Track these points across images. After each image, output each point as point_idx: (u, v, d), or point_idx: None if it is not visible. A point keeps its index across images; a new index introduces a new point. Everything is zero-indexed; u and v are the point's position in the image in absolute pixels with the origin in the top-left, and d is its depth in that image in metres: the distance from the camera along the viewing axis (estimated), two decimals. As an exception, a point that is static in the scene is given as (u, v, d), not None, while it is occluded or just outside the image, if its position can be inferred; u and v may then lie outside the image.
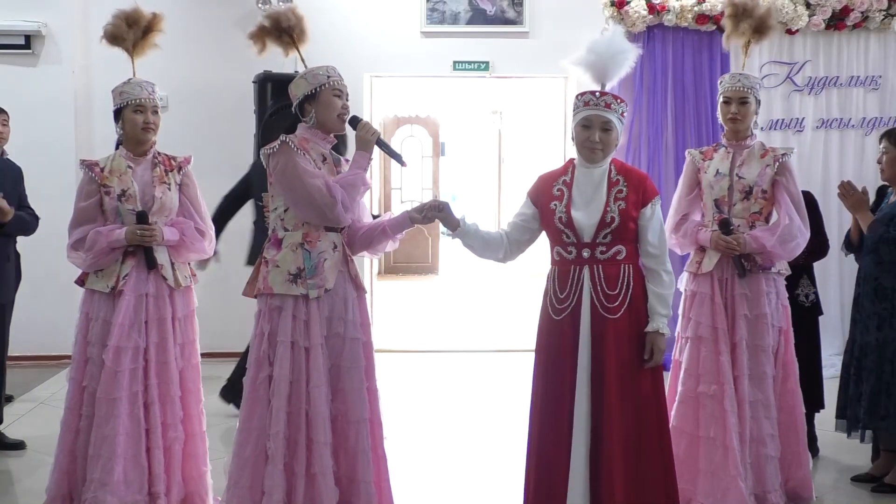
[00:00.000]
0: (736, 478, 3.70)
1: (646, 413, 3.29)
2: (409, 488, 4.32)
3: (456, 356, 7.53)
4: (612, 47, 3.43)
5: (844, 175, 7.10)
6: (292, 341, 3.32)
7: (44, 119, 6.61)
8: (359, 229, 3.47)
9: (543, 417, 3.36)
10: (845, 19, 6.95)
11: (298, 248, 3.35)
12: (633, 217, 3.31)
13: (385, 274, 12.54)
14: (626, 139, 7.08)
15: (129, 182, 3.72)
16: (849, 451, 4.67)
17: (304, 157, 3.35)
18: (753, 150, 3.94)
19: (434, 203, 3.38)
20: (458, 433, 5.37)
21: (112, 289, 3.66)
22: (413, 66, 7.31)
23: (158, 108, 3.83)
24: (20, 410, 5.60)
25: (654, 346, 3.30)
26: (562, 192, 3.38)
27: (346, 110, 3.45)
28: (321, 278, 3.33)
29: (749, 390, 3.81)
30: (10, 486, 4.41)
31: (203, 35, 7.14)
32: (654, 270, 3.36)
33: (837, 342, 7.00)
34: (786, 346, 3.93)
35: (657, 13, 6.90)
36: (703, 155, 4.06)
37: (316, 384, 3.31)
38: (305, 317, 3.33)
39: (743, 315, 3.84)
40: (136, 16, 3.86)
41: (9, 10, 6.85)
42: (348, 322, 3.39)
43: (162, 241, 3.71)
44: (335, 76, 3.43)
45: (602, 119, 3.34)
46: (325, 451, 3.30)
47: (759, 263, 3.85)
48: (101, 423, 3.57)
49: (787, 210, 3.84)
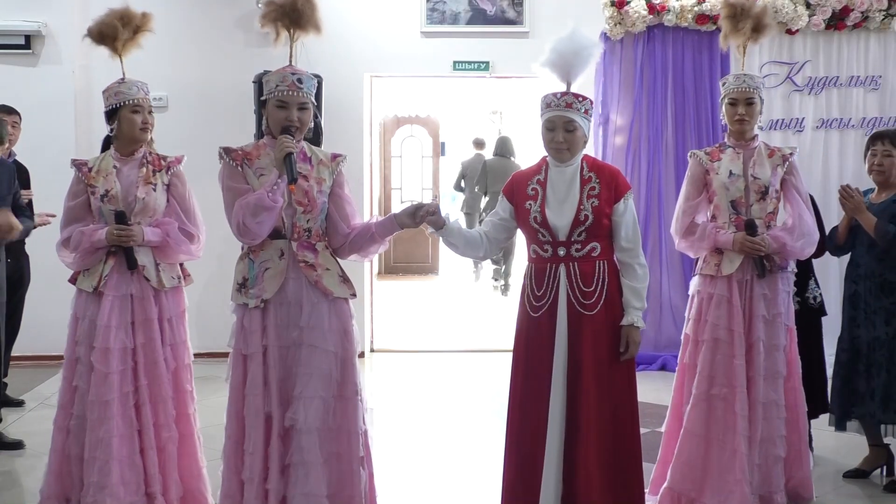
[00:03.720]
0: (741, 481, 3.69)
1: (621, 407, 3.36)
2: (410, 488, 4.31)
3: (455, 356, 7.53)
4: (572, 45, 3.43)
5: (844, 175, 7.11)
6: (238, 349, 3.28)
7: (44, 119, 6.61)
8: (348, 234, 3.35)
9: (522, 414, 3.40)
10: (845, 19, 6.95)
11: (245, 258, 3.31)
12: (606, 213, 3.36)
13: (385, 274, 12.53)
14: (626, 139, 7.09)
15: (113, 182, 3.71)
16: (848, 451, 4.67)
17: (239, 169, 3.24)
18: (761, 150, 3.93)
19: (430, 207, 3.30)
20: (457, 433, 5.37)
21: (95, 288, 3.66)
22: (413, 66, 7.31)
23: (152, 109, 3.83)
24: (20, 410, 5.61)
25: (630, 340, 3.35)
26: (536, 191, 3.42)
27: (290, 121, 3.21)
28: (260, 288, 3.23)
29: (763, 391, 3.80)
30: (8, 486, 4.41)
31: (203, 35, 7.13)
32: (628, 264, 3.40)
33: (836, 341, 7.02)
34: (790, 343, 3.94)
35: (657, 13, 6.90)
36: (709, 156, 3.98)
37: (252, 391, 3.23)
38: (249, 325, 3.26)
39: (761, 315, 3.82)
40: (129, 15, 3.84)
41: (9, 10, 6.85)
42: (305, 329, 3.23)
43: (142, 242, 3.69)
44: (283, 86, 3.19)
45: (564, 119, 3.36)
46: (253, 460, 3.21)
47: (778, 263, 3.86)
48: (94, 426, 3.57)
49: (799, 209, 3.86)
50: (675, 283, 7.05)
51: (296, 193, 3.22)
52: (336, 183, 3.36)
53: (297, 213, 3.25)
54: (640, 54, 7.03)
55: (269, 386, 3.22)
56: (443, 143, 14.22)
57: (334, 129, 6.86)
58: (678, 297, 6.99)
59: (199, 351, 6.65)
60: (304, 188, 3.24)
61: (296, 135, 3.22)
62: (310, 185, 3.27)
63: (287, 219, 3.24)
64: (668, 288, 7.01)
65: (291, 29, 3.33)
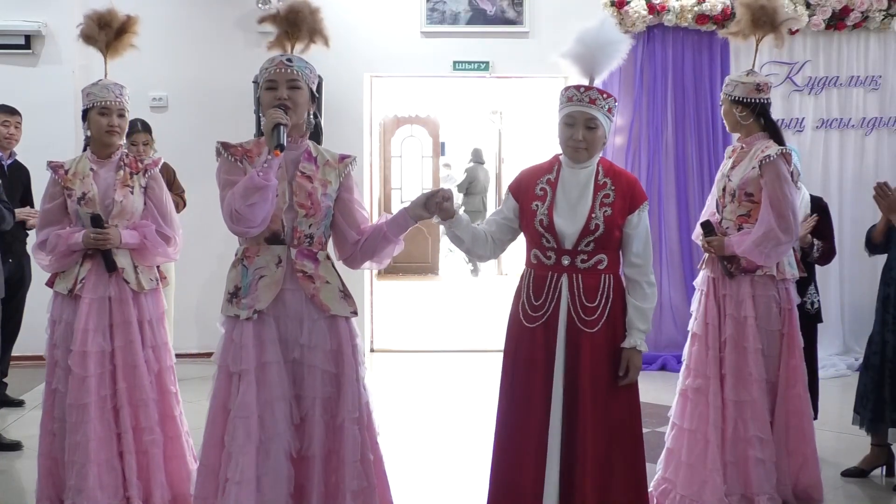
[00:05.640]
0: (713, 472, 3.71)
1: (619, 435, 3.10)
2: (410, 488, 4.31)
3: (455, 356, 7.53)
4: (601, 38, 3.17)
5: (844, 175, 7.12)
6: (226, 366, 2.92)
7: (43, 119, 6.60)
8: (358, 240, 3.04)
9: (509, 430, 3.19)
10: (845, 19, 6.95)
11: (238, 265, 2.97)
12: (618, 224, 3.11)
13: (385, 274, 12.53)
14: (626, 139, 7.08)
15: (90, 185, 3.69)
16: (846, 452, 4.67)
17: (239, 164, 2.93)
18: (755, 151, 3.88)
19: (445, 193, 3.02)
20: (457, 433, 5.37)
21: (70, 291, 3.65)
22: (413, 66, 7.31)
23: (126, 112, 3.78)
24: (20, 410, 5.61)
25: (630, 364, 3.10)
26: (545, 191, 3.18)
27: (280, 99, 2.92)
28: (253, 297, 2.90)
29: (733, 389, 3.79)
30: (6, 487, 4.40)
31: (203, 35, 7.13)
32: (637, 281, 3.16)
33: (837, 342, 7.03)
34: (790, 351, 3.86)
35: (657, 13, 6.90)
36: (730, 152, 4.03)
37: (241, 414, 2.84)
38: (239, 340, 2.90)
39: (729, 314, 3.84)
40: (109, 17, 3.81)
41: (9, 10, 6.85)
42: (305, 348, 2.92)
43: (120, 245, 3.68)
44: (272, 67, 2.97)
45: (586, 116, 3.10)
46: (239, 490, 2.81)
47: (742, 266, 3.81)
48: (73, 429, 3.56)
49: (762, 215, 3.74)
50: (676, 283, 7.06)
51: (298, 195, 2.93)
52: (344, 187, 3.04)
53: (298, 216, 2.93)
54: (639, 54, 7.03)
55: (270, 406, 2.87)
56: (443, 143, 14.24)
57: (334, 130, 6.85)
58: (678, 297, 6.99)
59: (198, 351, 6.75)
60: (307, 189, 2.95)
61: (289, 115, 2.89)
62: (314, 186, 2.96)
63: (287, 222, 2.93)
64: (669, 288, 7.01)
65: (291, 33, 3.14)
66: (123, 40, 3.85)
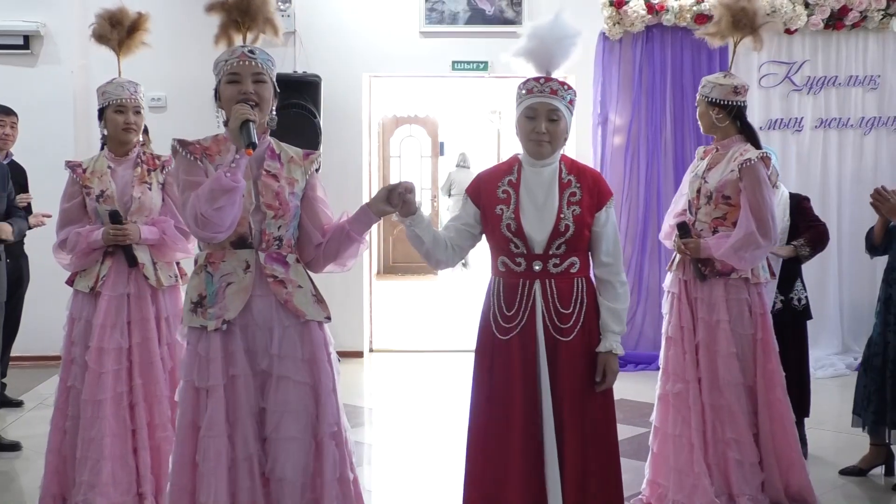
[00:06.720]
0: (700, 476, 3.72)
1: (594, 441, 2.98)
2: (408, 488, 4.31)
3: (455, 356, 7.52)
4: (556, 32, 3.07)
5: (843, 175, 7.12)
6: (191, 381, 2.72)
7: (43, 119, 6.61)
8: (321, 243, 2.83)
9: (489, 444, 3.00)
10: (844, 19, 6.96)
11: (202, 272, 2.76)
12: (587, 223, 2.98)
13: (384, 274, 12.53)
14: (625, 139, 7.09)
15: (108, 182, 3.73)
16: (845, 451, 4.67)
17: (199, 163, 2.76)
18: (730, 154, 3.83)
19: (407, 185, 2.81)
20: (456, 433, 5.36)
21: (91, 289, 3.68)
22: (412, 66, 7.31)
23: (141, 109, 3.84)
24: (19, 411, 5.61)
25: (607, 368, 2.97)
26: (508, 194, 3.00)
27: (246, 93, 2.75)
28: (221, 307, 2.70)
29: (708, 394, 3.78)
30: (6, 487, 4.40)
31: (203, 35, 7.01)
32: (608, 282, 3.02)
33: (836, 341, 7.03)
34: (765, 355, 3.82)
35: (656, 13, 6.90)
36: (703, 153, 4.02)
37: (210, 433, 2.66)
38: (206, 353, 2.71)
39: (701, 318, 3.83)
40: (120, 15, 3.86)
41: (8, 10, 6.85)
42: (275, 358, 2.72)
43: (139, 241, 3.71)
44: (233, 59, 2.83)
45: (548, 107, 2.95)
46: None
47: (717, 269, 3.79)
48: (87, 425, 3.58)
49: (742, 219, 3.71)
50: (675, 282, 7.06)
51: (264, 196, 2.75)
52: (309, 185, 2.86)
53: (266, 218, 2.75)
54: (638, 54, 7.03)
55: (241, 422, 2.69)
56: (442, 143, 14.23)
57: (333, 130, 6.86)
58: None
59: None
60: (273, 189, 2.76)
61: (255, 112, 2.72)
62: (280, 185, 2.78)
63: (255, 225, 2.74)
64: (668, 288, 7.01)
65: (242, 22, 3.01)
66: (135, 38, 3.90)
